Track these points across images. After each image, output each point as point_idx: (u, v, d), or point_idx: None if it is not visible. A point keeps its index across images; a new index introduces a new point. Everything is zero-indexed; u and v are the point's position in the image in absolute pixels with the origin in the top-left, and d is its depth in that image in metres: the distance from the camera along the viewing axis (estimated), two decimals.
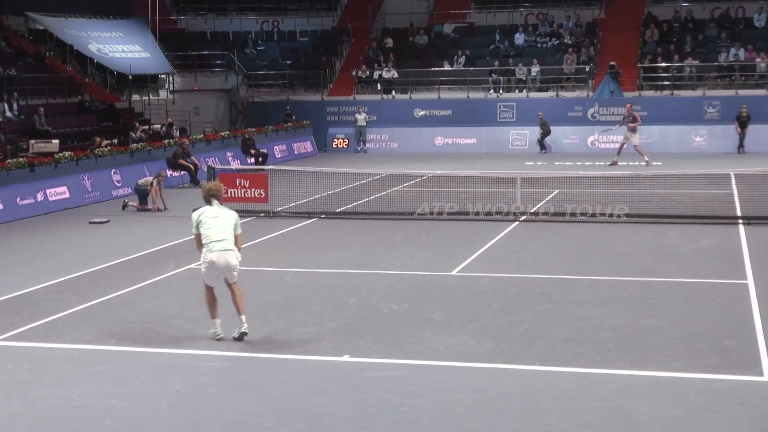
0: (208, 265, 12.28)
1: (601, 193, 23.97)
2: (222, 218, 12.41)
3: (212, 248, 12.25)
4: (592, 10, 46.39)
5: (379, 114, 42.47)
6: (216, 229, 12.30)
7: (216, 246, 12.24)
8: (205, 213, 12.43)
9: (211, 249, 12.25)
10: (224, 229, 12.34)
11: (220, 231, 12.29)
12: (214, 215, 12.41)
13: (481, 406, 9.84)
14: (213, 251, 12.24)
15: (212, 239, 12.27)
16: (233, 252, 12.36)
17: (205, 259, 12.27)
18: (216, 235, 12.27)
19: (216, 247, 12.24)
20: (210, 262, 12.25)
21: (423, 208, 22.57)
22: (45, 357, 11.73)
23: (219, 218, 12.39)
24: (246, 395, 10.24)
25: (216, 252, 12.22)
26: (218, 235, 12.27)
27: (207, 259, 12.25)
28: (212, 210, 12.48)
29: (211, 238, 12.27)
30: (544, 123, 39.56)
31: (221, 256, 12.23)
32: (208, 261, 12.25)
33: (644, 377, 10.67)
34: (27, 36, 40.56)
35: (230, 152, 34.70)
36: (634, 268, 16.57)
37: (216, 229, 12.30)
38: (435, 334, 12.56)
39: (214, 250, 12.24)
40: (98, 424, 9.46)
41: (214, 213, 12.44)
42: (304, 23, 48.93)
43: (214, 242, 12.26)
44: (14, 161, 24.79)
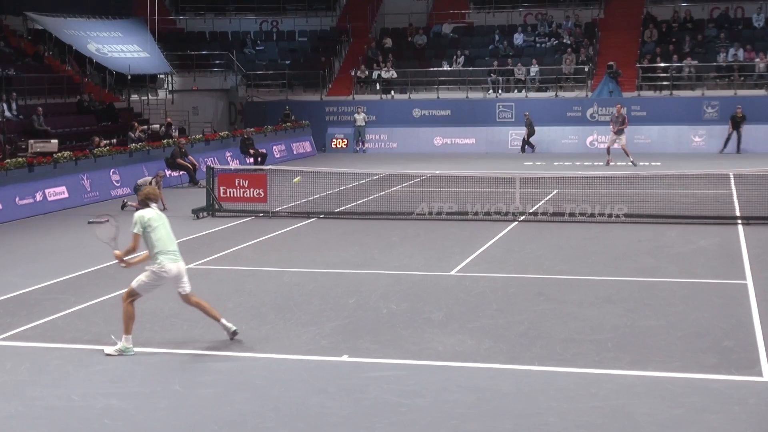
0: (164, 273, 11.83)
1: (600, 193, 23.97)
2: (168, 225, 12.07)
3: (170, 257, 11.88)
4: (591, 10, 46.39)
5: (378, 114, 42.48)
6: (167, 236, 11.96)
7: (172, 255, 11.91)
8: (153, 218, 11.94)
9: (169, 257, 11.87)
10: (172, 236, 12.05)
11: (170, 239, 11.97)
12: (162, 221, 12.01)
13: (479, 406, 9.84)
14: (172, 261, 11.89)
15: (168, 247, 11.91)
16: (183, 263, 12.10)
17: (162, 267, 11.82)
18: (169, 244, 11.93)
19: (173, 256, 11.91)
20: (168, 270, 11.82)
21: (422, 208, 22.57)
22: (44, 357, 11.72)
23: (166, 225, 12.03)
24: (245, 395, 10.24)
25: (176, 262, 11.90)
26: (171, 244, 11.95)
27: (164, 267, 11.82)
28: (158, 214, 12.07)
29: (166, 245, 11.89)
30: (530, 123, 39.64)
31: (179, 266, 11.95)
32: (166, 269, 11.82)
33: (643, 377, 10.67)
34: (26, 36, 40.55)
35: (229, 152, 34.70)
36: (633, 269, 16.57)
37: (167, 237, 11.95)
38: (434, 334, 12.56)
39: (173, 258, 11.92)
40: (97, 424, 9.46)
41: (161, 218, 12.04)
42: (303, 23, 48.94)
43: (170, 251, 11.92)
44: (13, 161, 24.78)
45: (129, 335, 11.78)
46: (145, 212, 12.01)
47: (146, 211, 12.03)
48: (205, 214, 23.22)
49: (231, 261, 17.89)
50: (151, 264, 11.90)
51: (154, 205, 12.16)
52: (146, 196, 12.19)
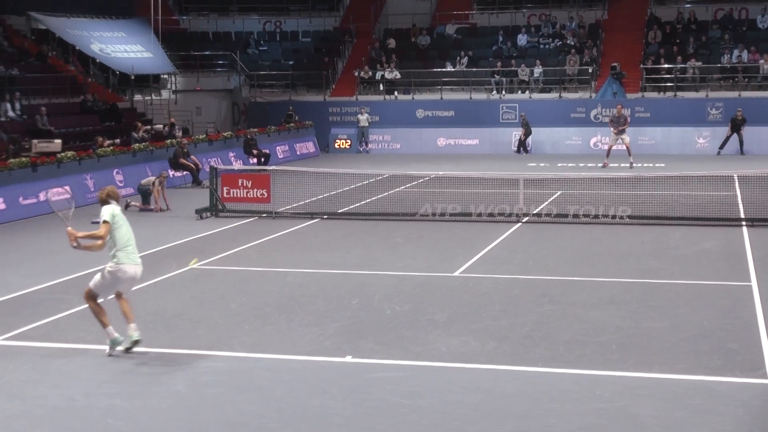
0: (120, 274, 11.67)
1: (604, 195, 23.94)
2: (130, 227, 11.94)
3: (131, 258, 11.74)
4: (595, 12, 46.34)
5: (381, 115, 42.47)
6: (130, 236, 11.81)
7: (134, 256, 11.78)
8: (119, 214, 11.77)
9: (130, 258, 11.73)
10: (134, 239, 11.89)
11: (132, 240, 11.82)
12: (125, 221, 11.88)
13: (483, 407, 9.82)
14: (133, 262, 11.75)
15: (129, 248, 11.75)
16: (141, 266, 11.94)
17: (119, 268, 11.65)
18: (131, 246, 11.77)
19: (134, 257, 11.78)
20: (125, 272, 11.67)
21: (425, 209, 22.55)
22: (47, 357, 11.71)
23: (129, 226, 11.91)
24: (248, 395, 10.22)
25: (135, 264, 11.78)
26: (133, 246, 11.80)
27: (121, 268, 11.66)
28: (122, 214, 11.88)
29: (128, 246, 11.73)
30: (526, 123, 39.64)
31: (136, 269, 11.81)
32: (123, 270, 11.66)
33: (647, 379, 10.64)
34: (29, 36, 40.56)
35: (232, 152, 34.69)
36: (637, 270, 16.54)
37: (130, 237, 11.80)
38: (437, 335, 12.54)
39: (134, 260, 11.77)
40: (100, 424, 9.44)
41: (124, 218, 11.89)
42: (307, 23, 48.94)
43: (131, 252, 11.77)
44: (16, 161, 24.79)
45: (108, 327, 11.62)
46: (113, 207, 11.82)
47: (109, 206, 11.82)
48: (208, 214, 23.21)
49: (234, 261, 17.88)
50: (108, 262, 11.69)
51: (114, 203, 11.90)
52: (108, 194, 11.93)
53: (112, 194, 11.98)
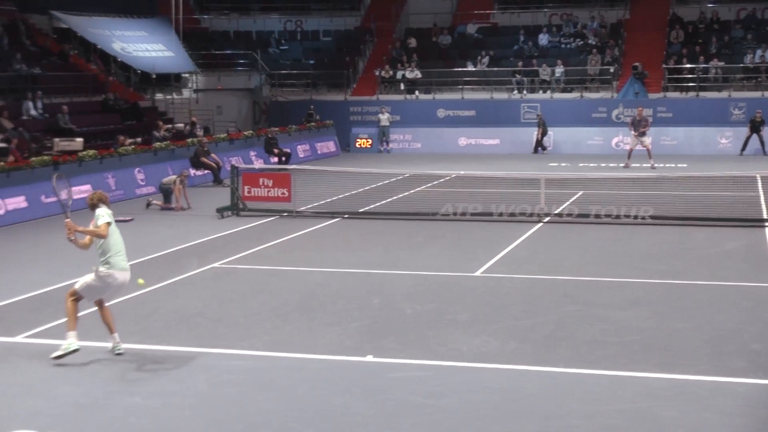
0: (110, 280, 11.53)
1: (626, 195, 23.84)
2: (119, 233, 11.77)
3: (122, 265, 11.59)
4: (617, 11, 46.17)
5: (402, 114, 42.42)
6: (121, 242, 11.67)
7: (124, 263, 11.62)
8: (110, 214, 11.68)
9: (121, 265, 11.58)
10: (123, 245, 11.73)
11: (123, 246, 11.68)
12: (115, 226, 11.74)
13: (504, 407, 9.79)
14: (124, 269, 11.60)
15: (121, 255, 11.60)
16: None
17: (110, 273, 11.50)
18: (122, 252, 11.63)
19: (125, 264, 11.63)
20: (115, 278, 11.54)
21: (446, 208, 22.51)
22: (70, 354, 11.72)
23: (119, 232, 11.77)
24: (269, 395, 10.22)
25: (126, 270, 11.63)
26: (123, 252, 11.65)
27: (113, 274, 11.51)
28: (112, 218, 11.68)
29: (120, 252, 11.60)
30: (543, 122, 39.55)
31: (125, 276, 11.66)
32: (114, 277, 11.52)
33: (669, 380, 10.59)
34: (51, 34, 40.69)
35: (253, 151, 34.74)
36: (660, 271, 16.46)
37: (121, 243, 11.67)
38: (459, 335, 12.52)
39: (125, 267, 11.62)
40: (121, 422, 9.46)
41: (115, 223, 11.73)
42: (328, 23, 48.95)
43: (124, 259, 11.63)
44: (38, 159, 24.89)
45: (72, 331, 11.40)
46: (105, 209, 11.67)
47: (105, 209, 11.68)
48: (229, 213, 23.24)
49: (255, 260, 17.89)
50: (99, 266, 11.53)
51: (105, 206, 11.74)
52: (99, 199, 11.82)
53: (103, 198, 11.88)
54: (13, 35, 36.34)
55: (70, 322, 11.47)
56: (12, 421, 9.44)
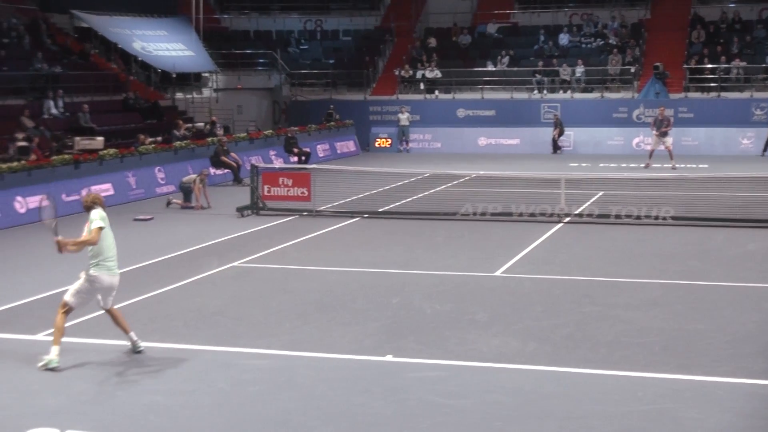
0: (97, 284, 11.44)
1: (647, 196, 23.74)
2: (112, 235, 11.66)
3: (110, 268, 11.47)
4: (638, 11, 46.00)
5: (422, 114, 42.38)
6: (113, 245, 11.57)
7: (113, 265, 11.51)
8: (104, 217, 11.57)
9: (109, 268, 11.46)
10: (115, 247, 11.64)
11: (114, 249, 11.57)
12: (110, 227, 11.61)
13: (524, 408, 9.77)
14: (110, 272, 11.46)
15: (110, 258, 11.47)
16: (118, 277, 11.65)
17: (97, 277, 11.41)
18: (112, 255, 11.50)
19: (113, 265, 11.51)
20: (101, 282, 11.43)
21: (466, 208, 22.48)
22: (89, 353, 11.79)
23: (112, 234, 11.65)
24: (289, 394, 10.23)
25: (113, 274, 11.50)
26: (113, 255, 11.52)
27: (98, 278, 11.41)
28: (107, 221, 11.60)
29: (108, 255, 11.47)
30: (560, 123, 39.45)
31: (113, 280, 11.53)
32: (99, 281, 11.43)
33: (690, 382, 10.55)
34: (72, 34, 40.87)
35: (273, 151, 34.78)
36: (680, 272, 16.40)
37: (113, 246, 11.57)
38: (478, 335, 12.50)
39: (112, 271, 11.49)
40: (142, 420, 9.49)
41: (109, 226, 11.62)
42: (347, 22, 48.95)
43: (111, 262, 11.49)
44: (59, 158, 25.00)
45: (56, 346, 11.24)
46: (99, 211, 11.57)
47: (99, 211, 11.58)
48: (249, 212, 23.28)
49: (275, 259, 17.91)
50: (89, 268, 11.46)
51: (100, 208, 11.67)
52: (94, 201, 11.74)
53: (98, 200, 11.77)
54: (35, 34, 36.51)
55: (56, 335, 11.32)
56: (32, 419, 9.49)
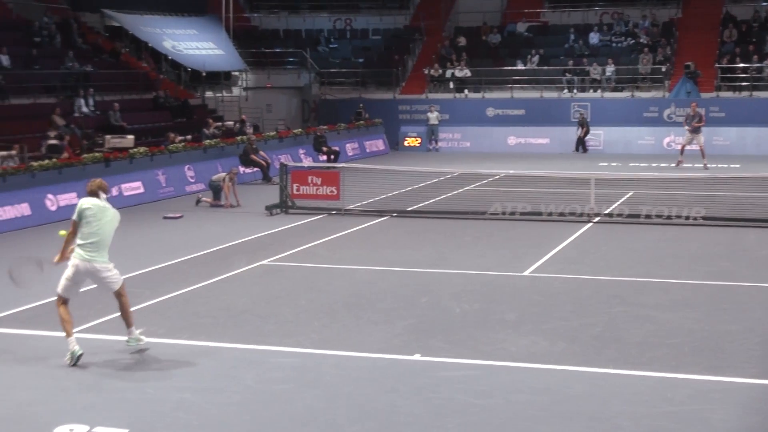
0: (74, 270, 11.34)
1: (677, 195, 23.61)
2: (107, 223, 11.44)
3: (83, 254, 11.32)
4: (669, 10, 45.76)
5: (451, 113, 42.33)
6: (95, 233, 11.34)
7: (89, 252, 11.31)
8: (89, 209, 11.39)
9: (83, 255, 11.32)
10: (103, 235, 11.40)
11: (96, 236, 11.33)
12: (100, 217, 11.39)
13: (552, 408, 9.74)
14: (84, 258, 11.32)
15: (89, 243, 11.31)
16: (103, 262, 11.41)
17: (74, 262, 11.33)
18: (91, 241, 11.32)
19: (89, 253, 11.31)
20: (77, 268, 11.33)
21: (495, 207, 22.43)
22: (119, 350, 11.83)
23: (103, 222, 11.38)
24: (316, 392, 10.24)
25: (87, 260, 11.33)
26: (93, 242, 11.32)
27: (75, 264, 11.33)
28: (100, 209, 11.46)
29: (87, 241, 11.32)
30: (585, 122, 39.29)
31: (87, 266, 11.35)
32: (75, 265, 11.33)
33: (720, 383, 10.47)
34: (103, 33, 41.10)
35: (302, 149, 34.85)
36: (711, 272, 16.29)
37: (95, 234, 11.34)
38: (507, 334, 12.47)
39: (85, 257, 11.32)
40: (170, 417, 9.52)
41: (100, 214, 11.43)
42: (377, 21, 48.96)
43: (89, 248, 11.30)
44: (90, 156, 25.15)
45: (70, 337, 11.25)
46: (85, 201, 11.52)
47: (86, 200, 11.52)
48: (278, 210, 23.34)
49: (304, 258, 17.94)
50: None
51: (104, 196, 11.60)
52: (97, 187, 11.63)
53: (95, 187, 11.62)
54: (66, 33, 36.73)
55: (65, 327, 11.32)
56: (61, 415, 9.54)
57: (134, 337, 11.71)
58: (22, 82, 31.76)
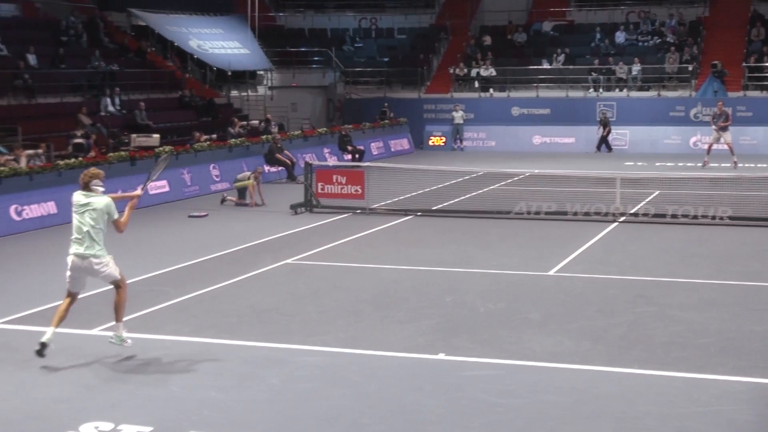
0: (69, 264, 11.28)
1: (704, 195, 23.47)
2: (91, 214, 11.23)
3: (73, 248, 11.25)
4: (696, 8, 45.53)
5: (476, 112, 42.27)
6: (80, 226, 11.21)
7: (75, 246, 11.24)
8: (76, 201, 11.32)
9: (72, 249, 11.26)
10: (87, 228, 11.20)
11: (81, 230, 11.20)
12: (83, 208, 11.25)
13: (577, 408, 9.70)
14: (73, 252, 11.24)
15: (75, 238, 11.24)
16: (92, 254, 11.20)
17: (68, 256, 11.31)
18: (79, 235, 11.22)
19: (74, 246, 11.24)
20: (70, 261, 11.26)
21: (520, 207, 22.37)
22: (144, 348, 11.87)
23: (86, 215, 11.20)
24: (341, 391, 10.24)
25: (74, 253, 11.23)
26: (78, 236, 11.21)
27: (67, 258, 11.29)
28: (79, 202, 11.31)
29: (74, 236, 11.24)
30: (607, 121, 39.15)
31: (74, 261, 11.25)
32: (69, 260, 11.26)
33: (747, 384, 10.40)
34: (129, 32, 41.29)
35: (327, 148, 34.88)
36: (738, 272, 16.19)
37: (80, 227, 11.21)
38: (532, 334, 12.43)
39: (74, 251, 11.24)
40: (196, 416, 9.54)
41: (82, 203, 11.28)
42: (402, 20, 48.97)
43: (75, 242, 11.23)
44: (116, 155, 25.25)
45: (51, 327, 11.17)
46: (74, 195, 11.41)
47: (75, 194, 11.41)
48: (303, 209, 23.36)
49: (328, 257, 17.95)
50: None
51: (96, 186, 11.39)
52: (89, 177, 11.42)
53: (92, 175, 11.43)
54: (93, 33, 36.91)
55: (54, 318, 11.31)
56: (87, 413, 9.58)
57: (119, 335, 11.43)
58: (49, 81, 31.92)
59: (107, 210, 11.32)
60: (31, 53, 32.18)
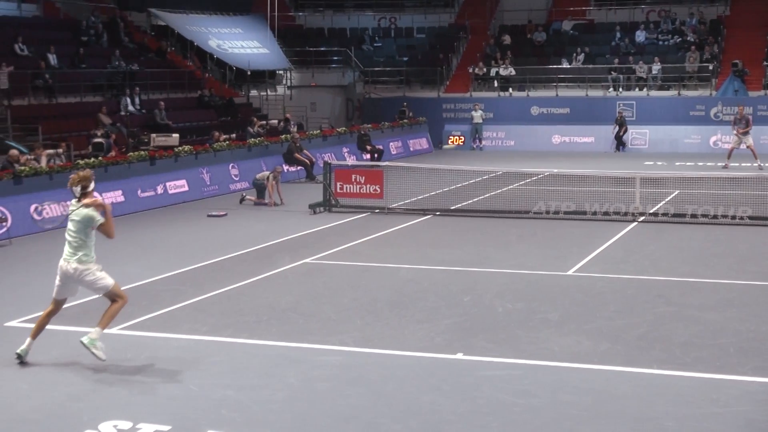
0: (58, 271, 11.21)
1: (724, 195, 23.37)
2: (71, 222, 11.15)
3: (64, 254, 11.17)
4: (717, 7, 45.33)
5: (495, 111, 42.22)
6: (68, 231, 11.18)
7: (66, 254, 11.14)
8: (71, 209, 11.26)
9: (64, 255, 11.18)
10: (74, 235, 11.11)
11: (70, 236, 11.14)
12: (73, 216, 11.16)
13: (595, 408, 9.67)
14: (63, 258, 11.18)
15: (66, 245, 11.18)
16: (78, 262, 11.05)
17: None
18: (67, 241, 11.17)
19: (66, 254, 11.14)
20: (59, 267, 11.20)
21: (539, 206, 22.34)
22: (163, 347, 11.92)
23: (75, 220, 11.09)
24: (358, 390, 10.24)
25: (63, 259, 11.16)
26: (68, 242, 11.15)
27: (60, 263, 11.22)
28: (72, 205, 11.26)
29: (66, 242, 11.21)
30: (623, 121, 39.02)
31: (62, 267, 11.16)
32: (59, 266, 11.20)
33: (766, 384, 10.35)
34: (149, 32, 41.44)
35: (346, 148, 34.90)
36: (757, 272, 16.10)
37: (68, 233, 11.17)
38: (550, 334, 12.41)
39: (63, 257, 11.17)
40: (214, 415, 9.56)
41: (69, 210, 11.26)
42: (422, 20, 48.95)
43: (67, 249, 11.15)
44: (136, 154, 25.33)
45: (29, 339, 11.28)
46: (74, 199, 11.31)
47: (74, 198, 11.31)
48: (321, 209, 23.39)
49: (347, 256, 17.96)
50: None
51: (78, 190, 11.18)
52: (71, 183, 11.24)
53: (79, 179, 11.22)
54: (113, 33, 37.06)
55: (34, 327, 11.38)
56: (106, 411, 9.62)
57: (93, 339, 11.05)
58: (69, 81, 32.07)
59: (85, 222, 11.09)
60: (52, 53, 32.33)
